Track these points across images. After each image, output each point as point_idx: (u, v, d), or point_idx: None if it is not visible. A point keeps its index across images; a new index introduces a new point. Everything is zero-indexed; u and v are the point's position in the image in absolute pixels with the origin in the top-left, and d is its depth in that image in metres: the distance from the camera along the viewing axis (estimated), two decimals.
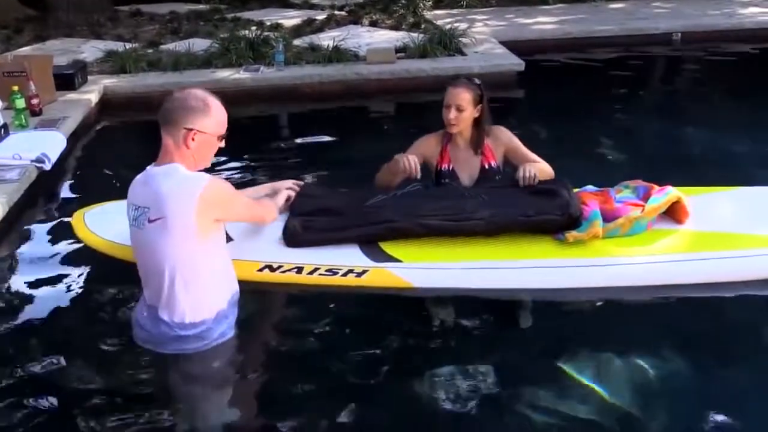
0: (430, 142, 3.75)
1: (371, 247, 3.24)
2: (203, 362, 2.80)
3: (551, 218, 3.24)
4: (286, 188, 3.46)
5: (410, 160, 3.45)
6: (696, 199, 3.47)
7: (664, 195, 3.35)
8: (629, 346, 2.89)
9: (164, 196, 2.60)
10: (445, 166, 3.70)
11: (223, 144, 2.78)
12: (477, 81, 3.63)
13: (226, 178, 4.59)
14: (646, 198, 3.36)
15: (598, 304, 3.19)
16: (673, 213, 3.38)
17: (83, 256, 3.60)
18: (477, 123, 3.64)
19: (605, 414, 2.53)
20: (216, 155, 2.82)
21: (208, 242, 2.70)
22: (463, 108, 3.54)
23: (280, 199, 3.34)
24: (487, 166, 3.68)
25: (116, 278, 3.32)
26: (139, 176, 2.77)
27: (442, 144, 3.72)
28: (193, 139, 2.66)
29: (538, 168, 3.48)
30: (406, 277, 3.18)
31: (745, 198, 3.69)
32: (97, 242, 3.40)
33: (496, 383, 2.68)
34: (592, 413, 2.53)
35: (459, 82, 3.61)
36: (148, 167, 2.75)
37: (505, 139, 3.70)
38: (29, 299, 3.35)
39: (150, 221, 2.64)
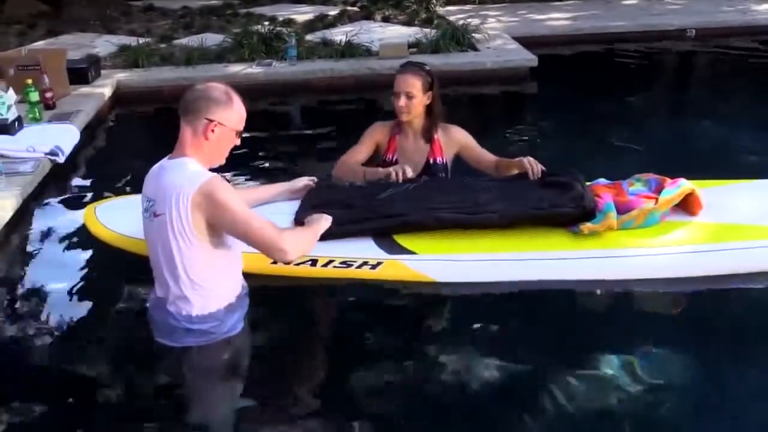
0: (383, 131, 3.71)
1: (385, 239, 3.23)
2: (212, 355, 2.80)
3: (565, 211, 3.22)
4: (303, 185, 3.47)
5: (403, 173, 3.42)
6: (709, 191, 3.45)
7: (677, 187, 3.33)
8: (644, 337, 2.88)
9: (166, 192, 2.58)
10: (389, 157, 3.68)
11: (239, 141, 2.77)
12: (426, 67, 3.58)
13: (237, 173, 4.63)
14: (658, 191, 3.35)
15: (613, 295, 3.18)
16: (687, 205, 3.36)
17: (95, 249, 3.62)
18: (429, 112, 3.60)
19: (619, 404, 2.52)
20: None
21: (210, 242, 2.65)
22: (412, 95, 3.49)
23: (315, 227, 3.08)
24: (432, 161, 3.65)
25: (127, 271, 3.32)
26: (154, 167, 2.76)
27: (391, 134, 3.69)
28: (212, 131, 2.63)
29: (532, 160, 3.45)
30: (421, 270, 3.17)
31: (758, 190, 3.68)
32: (108, 235, 3.40)
33: (510, 375, 2.68)
34: (606, 404, 2.53)
35: (406, 68, 3.56)
36: (163, 159, 2.74)
37: (460, 139, 3.67)
38: (41, 291, 3.36)
39: (155, 215, 2.63)
